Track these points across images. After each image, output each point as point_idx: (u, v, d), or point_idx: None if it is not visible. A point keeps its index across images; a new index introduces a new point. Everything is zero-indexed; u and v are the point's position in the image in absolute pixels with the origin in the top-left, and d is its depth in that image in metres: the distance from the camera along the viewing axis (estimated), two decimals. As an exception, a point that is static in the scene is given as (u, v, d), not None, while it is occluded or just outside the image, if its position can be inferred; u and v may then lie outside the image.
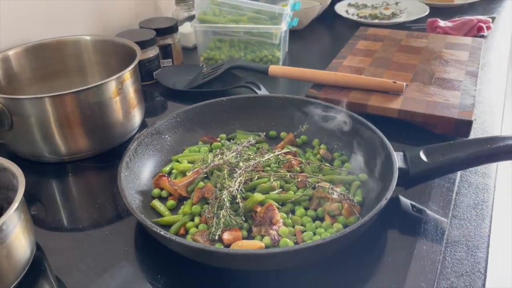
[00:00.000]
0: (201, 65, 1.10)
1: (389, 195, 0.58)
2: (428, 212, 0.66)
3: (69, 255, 0.61)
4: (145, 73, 1.03)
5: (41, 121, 0.73)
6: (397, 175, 0.61)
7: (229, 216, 0.60)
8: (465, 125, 0.79)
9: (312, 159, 0.73)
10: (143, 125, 0.89)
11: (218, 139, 0.80)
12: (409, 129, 0.83)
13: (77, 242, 0.63)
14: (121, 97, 0.78)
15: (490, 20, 1.27)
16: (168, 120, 0.78)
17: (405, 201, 0.68)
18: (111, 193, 0.72)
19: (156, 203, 0.66)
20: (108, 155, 0.82)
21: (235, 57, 1.09)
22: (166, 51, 1.11)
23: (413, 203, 0.68)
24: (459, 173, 0.73)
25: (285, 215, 0.63)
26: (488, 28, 1.25)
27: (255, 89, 0.95)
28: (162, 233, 0.54)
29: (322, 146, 0.77)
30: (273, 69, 0.97)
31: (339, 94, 0.89)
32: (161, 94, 1.03)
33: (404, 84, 0.88)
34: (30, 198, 0.71)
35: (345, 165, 0.72)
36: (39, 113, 0.72)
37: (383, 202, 0.57)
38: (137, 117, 0.85)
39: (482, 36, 1.24)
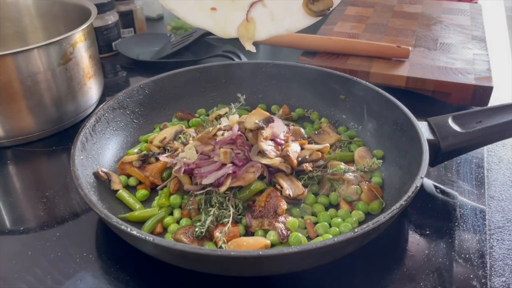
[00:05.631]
0: (169, 35, 0.94)
1: (423, 172, 0.46)
2: (459, 195, 0.54)
3: (12, 264, 0.46)
4: (103, 43, 0.87)
5: (-32, 94, 0.57)
6: (427, 148, 0.49)
7: (222, 207, 0.46)
8: (485, 92, 0.68)
9: (314, 135, 0.60)
10: (102, 102, 0.73)
11: (197, 114, 0.66)
12: (415, 99, 0.72)
13: (21, 247, 0.48)
14: (72, 64, 0.63)
15: (481, -13, 1.18)
16: (133, 92, 0.63)
17: (428, 182, 0.57)
18: (64, 184, 0.57)
19: (123, 193, 0.51)
20: (59, 137, 0.66)
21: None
22: (127, 19, 0.95)
23: (437, 184, 0.56)
24: (485, 147, 0.62)
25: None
26: (480, -5, 1.16)
27: (234, 58, 0.81)
28: (134, 232, 0.39)
29: (323, 120, 0.64)
30: (256, 34, 0.82)
31: (335, 62, 0.76)
32: (123, 67, 0.87)
33: (410, 48, 0.76)
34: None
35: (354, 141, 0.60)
36: (-36, 84, 0.56)
37: (418, 181, 0.45)
38: (94, 90, 0.69)
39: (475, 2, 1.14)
